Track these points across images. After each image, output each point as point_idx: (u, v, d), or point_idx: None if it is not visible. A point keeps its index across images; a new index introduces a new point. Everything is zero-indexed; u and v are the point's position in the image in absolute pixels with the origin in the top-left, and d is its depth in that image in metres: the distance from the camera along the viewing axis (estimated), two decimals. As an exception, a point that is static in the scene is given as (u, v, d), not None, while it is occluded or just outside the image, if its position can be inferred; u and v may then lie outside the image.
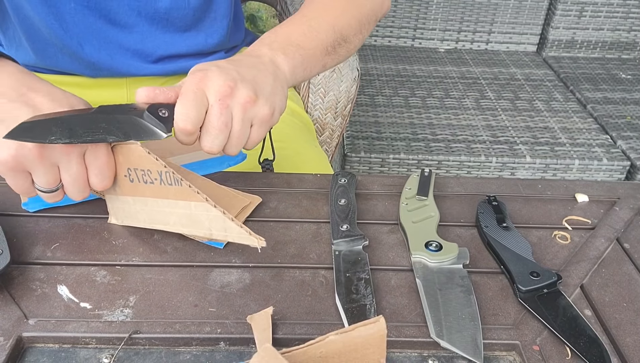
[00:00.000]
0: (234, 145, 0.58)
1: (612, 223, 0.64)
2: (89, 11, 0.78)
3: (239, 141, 0.57)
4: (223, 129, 0.55)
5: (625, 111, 1.72)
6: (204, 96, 0.55)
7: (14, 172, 0.53)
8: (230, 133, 0.56)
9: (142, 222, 0.58)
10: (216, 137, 0.55)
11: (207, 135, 0.55)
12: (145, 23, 0.80)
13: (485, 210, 0.63)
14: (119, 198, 0.58)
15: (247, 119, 0.57)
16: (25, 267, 0.55)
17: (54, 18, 0.77)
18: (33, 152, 0.52)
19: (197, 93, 0.54)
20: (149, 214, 0.57)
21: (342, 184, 0.66)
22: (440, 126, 1.58)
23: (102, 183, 0.56)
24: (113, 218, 0.60)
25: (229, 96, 0.55)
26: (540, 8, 1.97)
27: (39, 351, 0.48)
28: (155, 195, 0.55)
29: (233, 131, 0.56)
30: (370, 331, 0.42)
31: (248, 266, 0.56)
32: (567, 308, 0.52)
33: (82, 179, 0.55)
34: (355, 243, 0.58)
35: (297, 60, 0.65)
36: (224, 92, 0.55)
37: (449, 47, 2.05)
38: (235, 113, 0.56)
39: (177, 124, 0.54)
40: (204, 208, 0.52)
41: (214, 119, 0.55)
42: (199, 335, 0.49)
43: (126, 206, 0.58)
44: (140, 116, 0.53)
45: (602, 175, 1.50)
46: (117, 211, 0.60)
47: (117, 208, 0.59)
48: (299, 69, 0.66)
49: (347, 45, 0.74)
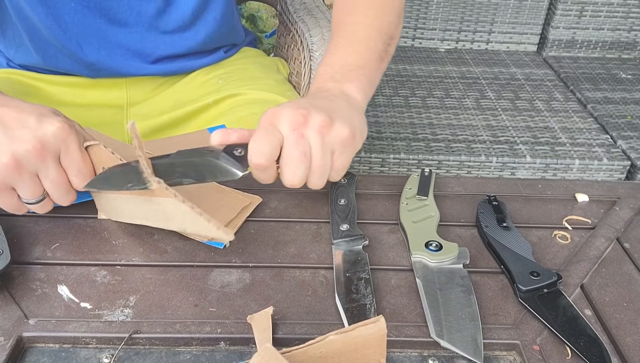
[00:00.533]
0: (317, 176, 0.55)
1: (612, 222, 0.64)
2: (89, 11, 0.78)
3: (321, 170, 0.54)
4: (302, 159, 0.53)
5: (625, 111, 1.72)
6: (277, 130, 0.53)
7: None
8: (311, 163, 0.54)
9: (127, 217, 0.58)
10: (297, 168, 0.53)
11: (287, 168, 0.53)
12: (145, 23, 0.80)
13: (485, 210, 0.63)
14: (102, 195, 0.59)
15: (326, 145, 0.54)
16: (25, 267, 0.55)
17: (53, 19, 0.77)
18: (10, 166, 0.52)
19: (269, 128, 0.53)
20: (129, 210, 0.57)
21: (342, 184, 0.66)
22: (440, 125, 1.58)
23: (83, 182, 0.56)
24: (102, 213, 0.61)
25: (303, 125, 0.53)
26: (540, 8, 1.97)
27: (39, 351, 0.48)
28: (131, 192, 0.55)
29: (314, 161, 0.54)
30: (371, 331, 0.42)
31: (248, 266, 0.56)
32: (567, 308, 0.52)
33: (63, 182, 0.55)
34: (355, 242, 0.58)
35: (364, 81, 0.63)
36: (297, 121, 0.53)
37: (449, 47, 2.05)
38: (312, 141, 0.53)
39: (251, 161, 0.52)
40: (174, 204, 0.51)
41: (291, 150, 0.53)
42: (199, 335, 0.49)
43: (110, 202, 0.58)
44: (217, 157, 0.53)
45: (603, 175, 1.49)
46: (103, 207, 0.60)
47: (103, 205, 0.60)
48: (367, 90, 0.64)
49: (393, 42, 0.71)
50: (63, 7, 0.77)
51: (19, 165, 0.52)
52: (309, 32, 0.98)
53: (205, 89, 0.89)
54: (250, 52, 0.99)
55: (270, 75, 0.95)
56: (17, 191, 0.54)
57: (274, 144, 0.52)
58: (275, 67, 1.02)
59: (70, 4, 0.76)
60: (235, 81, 0.90)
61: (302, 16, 1.03)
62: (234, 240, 0.49)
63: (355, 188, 0.67)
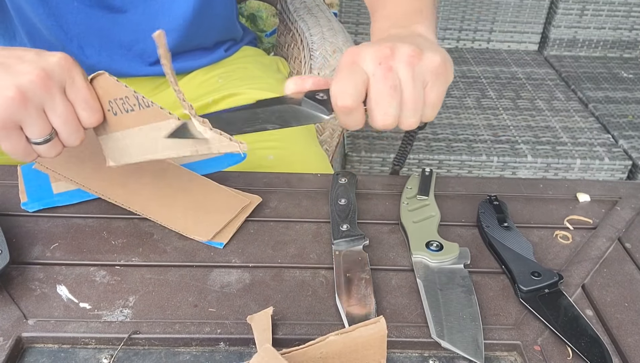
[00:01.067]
0: (411, 112, 0.50)
1: (613, 222, 0.64)
2: (92, 10, 0.77)
3: (415, 105, 0.50)
4: (393, 95, 0.49)
5: (626, 110, 1.72)
6: (360, 68, 0.49)
7: (7, 131, 0.50)
8: (402, 98, 0.49)
9: (134, 156, 0.56)
10: (389, 105, 0.49)
11: (377, 106, 0.49)
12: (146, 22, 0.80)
13: (486, 210, 0.63)
14: (109, 136, 0.56)
15: (418, 76, 0.49)
16: (24, 267, 0.55)
17: (55, 19, 0.77)
18: (15, 100, 0.49)
19: (352, 67, 0.49)
20: (138, 146, 0.55)
21: (342, 183, 0.66)
22: (441, 125, 1.58)
23: (92, 117, 0.53)
24: (110, 160, 0.58)
25: (389, 57, 0.49)
26: (541, 7, 1.97)
27: (38, 351, 0.47)
28: (138, 123, 0.53)
29: (406, 95, 0.49)
30: (371, 331, 0.42)
31: (248, 266, 0.56)
32: (568, 308, 0.52)
33: (72, 117, 0.52)
34: (355, 243, 0.58)
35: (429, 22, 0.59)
36: (383, 54, 0.49)
37: (450, 46, 2.04)
38: (402, 74, 0.49)
39: (336, 104, 0.49)
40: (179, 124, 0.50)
41: (379, 85, 0.48)
42: (199, 336, 0.48)
43: (118, 143, 0.56)
44: (298, 103, 0.51)
45: (604, 175, 1.49)
46: (111, 152, 0.58)
47: (110, 148, 0.57)
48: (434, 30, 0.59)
49: None
50: (65, 6, 0.76)
51: (24, 98, 0.49)
52: (309, 31, 0.98)
53: (204, 89, 0.89)
54: (250, 52, 0.99)
55: (270, 74, 0.95)
56: (24, 131, 0.51)
57: (358, 83, 0.49)
58: (276, 66, 1.02)
59: (73, 3, 0.76)
60: (235, 80, 0.90)
61: (302, 15, 1.03)
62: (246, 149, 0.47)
63: (356, 187, 0.67)
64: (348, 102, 0.48)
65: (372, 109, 0.49)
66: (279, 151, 0.82)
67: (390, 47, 0.49)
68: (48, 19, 0.77)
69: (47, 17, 0.76)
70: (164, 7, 0.81)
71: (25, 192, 0.62)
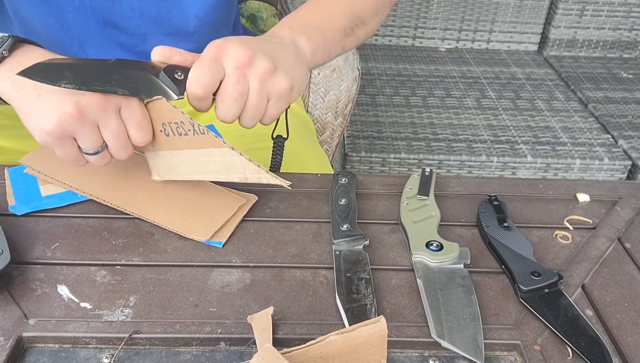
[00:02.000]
0: (249, 118, 0.56)
1: (613, 222, 0.64)
2: (92, 10, 0.77)
3: (254, 113, 0.56)
4: (238, 99, 0.54)
5: (626, 111, 1.72)
6: (220, 65, 0.54)
7: (62, 140, 0.54)
8: (246, 104, 0.55)
9: (181, 174, 0.60)
10: (231, 106, 0.54)
11: (222, 104, 0.54)
12: (148, 24, 0.80)
13: (486, 210, 0.63)
14: (157, 154, 0.60)
15: (264, 91, 0.55)
16: (25, 267, 0.55)
17: (55, 19, 0.77)
18: (74, 115, 0.52)
19: (213, 60, 0.54)
20: (186, 165, 0.58)
21: (342, 183, 0.66)
22: (441, 125, 1.58)
23: (143, 137, 0.56)
24: (155, 174, 0.62)
25: (246, 66, 0.54)
26: (541, 7, 1.97)
27: (39, 351, 0.48)
28: (190, 146, 0.56)
29: (249, 103, 0.55)
30: (371, 331, 0.42)
31: (248, 266, 0.56)
32: (568, 308, 0.52)
33: (123, 134, 0.56)
34: (355, 242, 0.58)
35: (318, 42, 0.64)
36: (242, 61, 0.54)
37: (450, 46, 2.05)
38: (252, 84, 0.55)
39: (188, 88, 0.53)
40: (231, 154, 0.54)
41: (229, 88, 0.54)
42: (199, 335, 0.49)
43: (165, 161, 0.60)
44: (156, 74, 0.53)
45: (604, 175, 1.49)
46: (157, 167, 0.61)
47: (157, 164, 0.61)
48: (319, 52, 0.65)
49: (364, 27, 0.73)
50: (66, 5, 0.76)
51: (81, 114, 0.53)
52: (310, 32, 0.98)
53: None
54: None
55: None
56: (77, 142, 0.55)
57: (214, 77, 0.53)
58: None
59: (74, 3, 0.76)
60: None
61: (303, 16, 1.03)
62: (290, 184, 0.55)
63: (356, 187, 0.67)
64: (199, 92, 0.53)
65: (218, 104, 0.55)
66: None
67: (250, 56, 0.54)
68: (48, 19, 0.76)
69: (48, 17, 0.76)
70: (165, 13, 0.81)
71: (13, 195, 0.62)
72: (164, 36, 0.82)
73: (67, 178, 0.62)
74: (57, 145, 0.55)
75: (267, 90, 0.56)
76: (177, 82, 0.54)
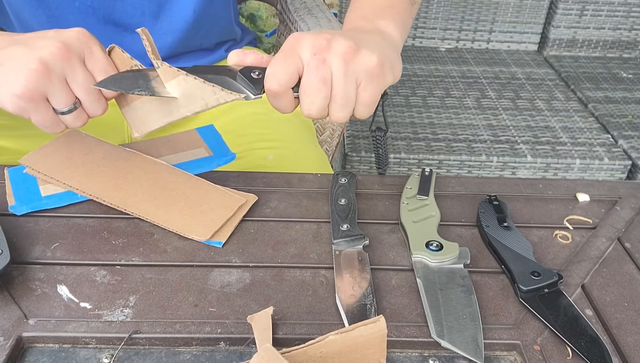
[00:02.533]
0: (339, 107, 0.50)
1: (613, 222, 0.64)
2: (93, 11, 0.77)
3: (344, 101, 0.50)
4: (321, 87, 0.49)
5: (626, 110, 1.72)
6: (297, 56, 0.50)
7: (35, 103, 0.53)
8: (332, 92, 0.50)
9: (156, 122, 0.58)
10: (315, 96, 0.49)
11: (305, 96, 0.50)
12: (149, 21, 0.80)
13: (486, 210, 0.63)
14: (130, 107, 0.59)
15: (350, 73, 0.49)
16: (25, 267, 0.55)
17: (56, 21, 0.77)
18: (40, 71, 0.52)
19: (288, 53, 0.50)
20: (157, 112, 0.57)
21: (342, 183, 0.66)
22: (441, 125, 1.58)
23: None
24: (135, 131, 0.60)
25: (325, 49, 0.49)
26: (541, 7, 1.97)
27: (39, 351, 0.48)
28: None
29: (335, 89, 0.49)
30: (371, 331, 0.42)
31: (248, 266, 0.56)
32: (568, 308, 0.52)
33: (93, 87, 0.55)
34: (355, 242, 0.58)
35: (397, 20, 0.60)
36: (320, 45, 0.49)
37: (450, 46, 2.04)
38: (335, 68, 0.49)
39: (266, 86, 0.51)
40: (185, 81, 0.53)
41: (310, 76, 0.49)
42: (199, 335, 0.49)
43: (138, 113, 0.59)
44: (233, 77, 0.52)
45: (604, 174, 1.49)
46: (134, 123, 0.60)
47: (132, 118, 0.60)
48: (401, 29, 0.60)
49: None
50: (67, 6, 0.76)
51: (47, 69, 0.52)
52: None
53: None
54: (250, 52, 1.00)
55: None
56: (50, 102, 0.54)
57: (291, 69, 0.49)
58: None
59: (74, 4, 0.76)
60: None
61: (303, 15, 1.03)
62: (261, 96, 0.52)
63: (356, 187, 0.67)
64: (275, 87, 0.50)
65: (300, 98, 0.51)
66: (279, 151, 0.82)
67: (328, 39, 0.50)
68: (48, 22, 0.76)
69: (47, 20, 0.76)
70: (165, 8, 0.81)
71: (13, 195, 0.62)
72: (165, 34, 0.82)
73: (67, 178, 0.62)
74: (31, 109, 0.53)
75: (354, 71, 0.49)
76: (254, 81, 0.52)
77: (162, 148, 0.69)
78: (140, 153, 0.66)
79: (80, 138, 0.67)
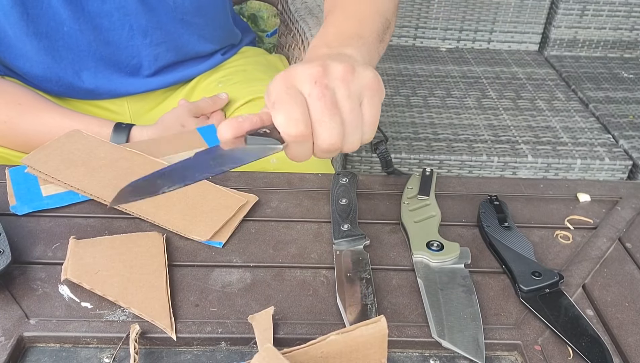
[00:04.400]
0: (351, 132, 0.48)
1: (614, 222, 0.64)
2: (82, 34, 0.76)
3: (354, 124, 0.48)
4: (335, 111, 0.46)
5: (627, 110, 1.71)
6: (298, 92, 0.47)
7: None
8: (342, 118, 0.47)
9: None
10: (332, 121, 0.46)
11: (322, 126, 0.46)
12: (138, 36, 0.80)
13: (486, 210, 0.63)
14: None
15: (354, 94, 0.48)
16: (26, 267, 0.55)
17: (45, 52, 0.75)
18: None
19: (287, 92, 0.46)
20: None
21: (343, 183, 0.66)
22: (441, 125, 1.58)
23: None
24: None
25: (324, 75, 0.47)
26: (542, 7, 1.97)
27: (40, 351, 0.48)
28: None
29: (345, 114, 0.47)
30: (372, 331, 0.42)
31: (249, 266, 0.56)
32: (568, 308, 0.52)
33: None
34: (356, 242, 0.58)
35: (363, 50, 0.57)
36: (317, 73, 0.47)
37: (451, 46, 2.04)
38: (338, 92, 0.47)
39: (288, 134, 0.46)
40: None
41: (320, 104, 0.46)
42: (200, 335, 0.49)
43: None
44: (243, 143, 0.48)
45: (604, 175, 1.49)
46: None
47: None
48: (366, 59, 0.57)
49: (389, 30, 0.67)
50: (55, 33, 0.75)
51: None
52: (310, 32, 0.98)
53: (205, 94, 0.89)
54: (250, 52, 0.99)
55: (271, 74, 0.95)
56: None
57: (303, 106, 0.46)
58: (276, 66, 1.01)
59: (62, 29, 0.75)
60: (235, 84, 0.89)
61: (304, 15, 1.03)
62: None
63: (357, 187, 0.67)
64: (302, 129, 0.46)
65: (316, 131, 0.47)
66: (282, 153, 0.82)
67: (322, 65, 0.47)
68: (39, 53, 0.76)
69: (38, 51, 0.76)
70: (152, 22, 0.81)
71: (14, 195, 0.62)
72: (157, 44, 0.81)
73: (68, 178, 0.62)
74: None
75: (356, 91, 0.48)
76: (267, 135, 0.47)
77: (163, 147, 0.69)
78: (141, 152, 0.66)
79: (81, 138, 0.67)
